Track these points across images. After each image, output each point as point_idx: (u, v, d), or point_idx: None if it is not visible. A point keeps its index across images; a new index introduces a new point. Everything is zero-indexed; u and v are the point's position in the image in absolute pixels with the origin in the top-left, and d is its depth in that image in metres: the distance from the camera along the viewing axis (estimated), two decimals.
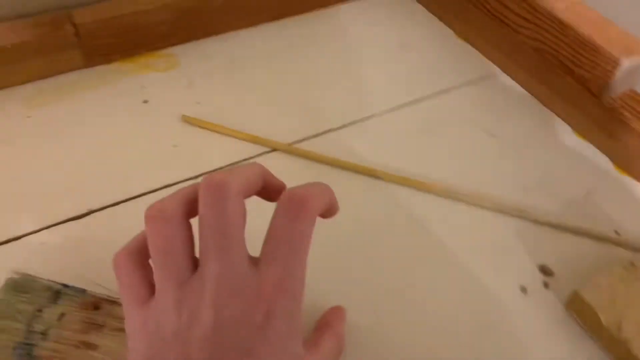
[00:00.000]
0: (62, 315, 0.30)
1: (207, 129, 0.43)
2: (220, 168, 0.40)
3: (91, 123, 0.43)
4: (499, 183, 0.41)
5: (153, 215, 0.25)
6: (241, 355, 0.22)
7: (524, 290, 0.34)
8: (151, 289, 0.25)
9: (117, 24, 0.46)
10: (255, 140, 0.42)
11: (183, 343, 0.23)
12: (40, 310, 0.30)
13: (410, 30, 0.54)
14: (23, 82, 0.45)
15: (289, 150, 0.42)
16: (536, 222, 0.38)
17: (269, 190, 0.28)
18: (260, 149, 0.42)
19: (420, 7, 0.57)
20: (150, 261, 0.25)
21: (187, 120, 0.43)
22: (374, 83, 0.49)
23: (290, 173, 0.40)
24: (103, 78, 0.47)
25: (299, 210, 0.25)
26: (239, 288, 0.23)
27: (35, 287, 0.31)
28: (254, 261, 0.25)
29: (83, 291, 0.31)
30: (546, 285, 0.35)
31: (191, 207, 0.25)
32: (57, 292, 0.31)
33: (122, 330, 0.29)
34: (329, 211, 0.28)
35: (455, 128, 0.45)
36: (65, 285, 0.31)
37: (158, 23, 0.48)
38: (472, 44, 0.52)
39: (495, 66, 0.51)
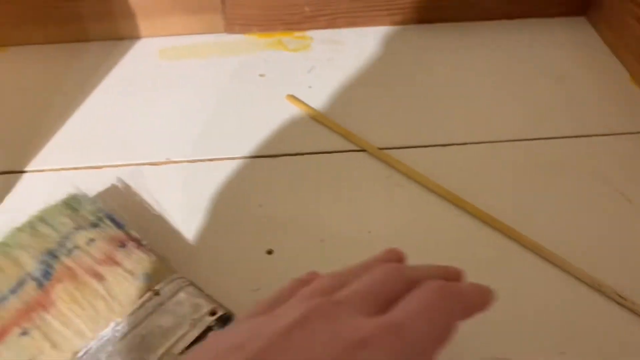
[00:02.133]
0: (92, 240, 0.31)
1: (306, 112, 0.42)
2: (307, 153, 0.39)
3: (205, 84, 0.45)
4: (610, 262, 0.33)
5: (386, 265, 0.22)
6: None
7: None
8: None
9: None
10: (347, 135, 0.40)
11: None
12: (77, 229, 0.32)
13: (575, 61, 0.47)
14: (162, 35, 0.49)
15: (377, 154, 0.39)
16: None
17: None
18: (349, 145, 0.40)
19: (594, 33, 0.49)
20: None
21: (290, 100, 0.43)
22: (507, 109, 0.43)
23: (370, 177, 0.37)
24: (235, 46, 0.48)
25: (452, 298, 0.20)
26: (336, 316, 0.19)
27: (86, 207, 0.33)
28: None
29: (121, 226, 0.32)
30: None
31: None
32: (100, 219, 0.32)
33: (130, 272, 0.30)
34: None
35: (580, 177, 0.38)
36: (110, 216, 0.33)
37: (303, 4, 0.48)
38: None
39: None
